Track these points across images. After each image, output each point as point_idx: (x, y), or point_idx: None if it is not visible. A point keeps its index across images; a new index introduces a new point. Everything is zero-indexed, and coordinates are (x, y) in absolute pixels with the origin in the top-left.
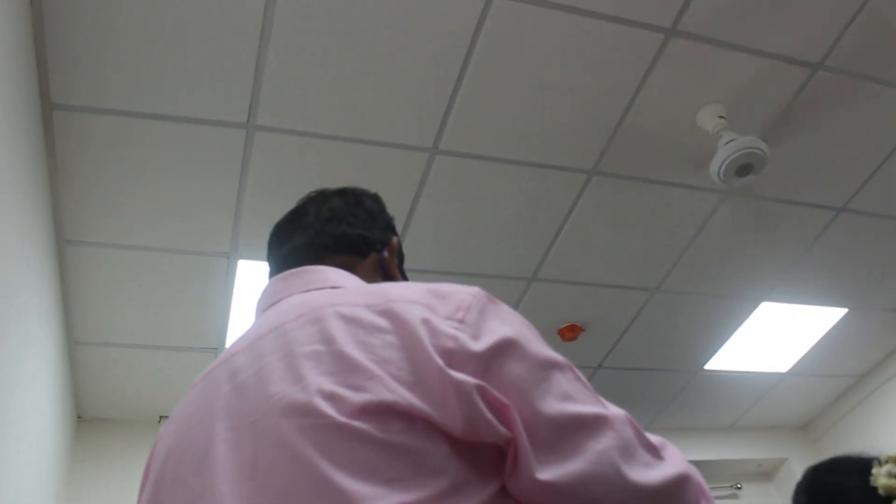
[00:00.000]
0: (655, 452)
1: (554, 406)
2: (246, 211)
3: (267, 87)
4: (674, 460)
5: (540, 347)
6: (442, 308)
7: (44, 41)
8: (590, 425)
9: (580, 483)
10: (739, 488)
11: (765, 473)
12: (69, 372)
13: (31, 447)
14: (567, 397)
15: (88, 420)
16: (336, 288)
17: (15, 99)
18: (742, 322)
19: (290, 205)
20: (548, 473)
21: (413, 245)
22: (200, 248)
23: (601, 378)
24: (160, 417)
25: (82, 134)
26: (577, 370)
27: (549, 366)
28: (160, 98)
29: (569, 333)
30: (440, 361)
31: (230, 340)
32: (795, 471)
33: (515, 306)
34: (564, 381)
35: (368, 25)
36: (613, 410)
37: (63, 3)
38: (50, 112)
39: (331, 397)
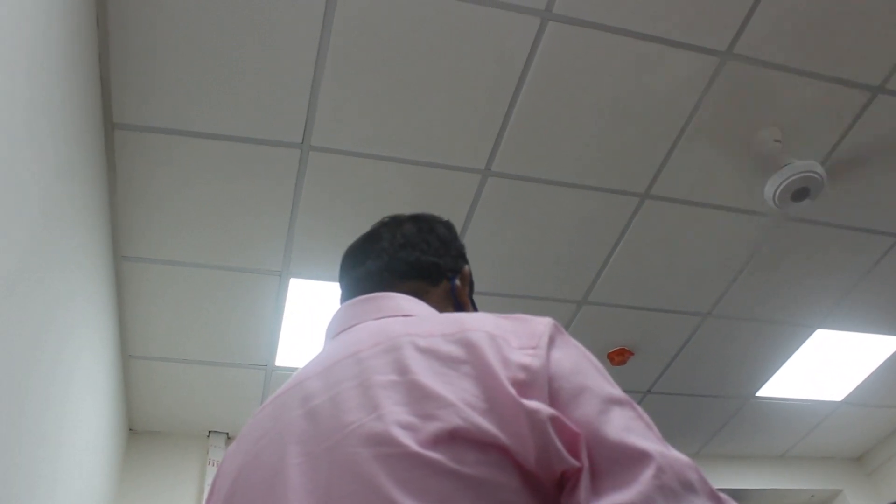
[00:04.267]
0: (717, 501)
1: (613, 437)
2: (298, 230)
3: (322, 107)
4: None
5: (603, 383)
6: (515, 340)
7: (108, 62)
8: (647, 461)
9: None
10: None
11: None
12: (122, 385)
13: (86, 456)
14: (629, 430)
15: (140, 433)
16: (408, 316)
17: (80, 119)
18: (796, 349)
19: (342, 225)
20: None
21: None
22: (253, 265)
23: (650, 403)
24: (209, 432)
25: (141, 153)
26: (639, 408)
27: (610, 401)
28: (217, 118)
29: (618, 357)
30: (513, 391)
31: (280, 358)
32: (850, 503)
33: (565, 329)
34: (626, 418)
35: (423, 47)
36: (676, 453)
37: (127, 27)
38: (111, 131)
39: (407, 427)
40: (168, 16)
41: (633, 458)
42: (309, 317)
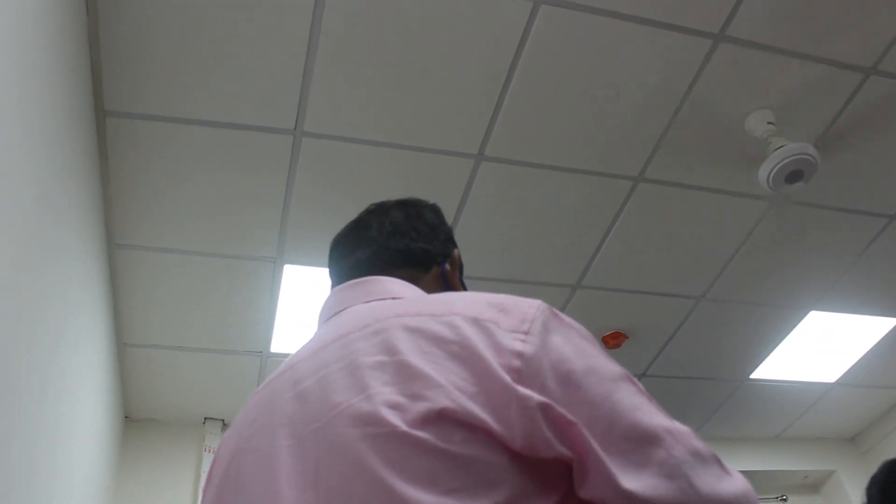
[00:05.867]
0: (722, 465)
1: (625, 419)
2: (292, 216)
3: (314, 93)
4: (737, 475)
5: (603, 362)
6: (505, 321)
7: (99, 50)
8: (660, 438)
9: (658, 495)
10: (785, 500)
11: (812, 485)
12: (118, 373)
13: (82, 445)
14: (636, 409)
15: (136, 420)
16: (398, 298)
17: (71, 107)
18: (790, 331)
19: (336, 210)
20: (630, 483)
21: None
22: (247, 252)
23: (645, 387)
24: (205, 419)
25: (133, 140)
26: (636, 381)
27: (614, 379)
28: (209, 105)
29: (613, 341)
30: (506, 377)
31: (275, 344)
32: (844, 483)
33: None
34: (631, 394)
35: (415, 32)
36: (678, 424)
37: (117, 13)
38: (103, 119)
39: (395, 406)
40: (158, 1)
41: (648, 437)
42: (304, 303)
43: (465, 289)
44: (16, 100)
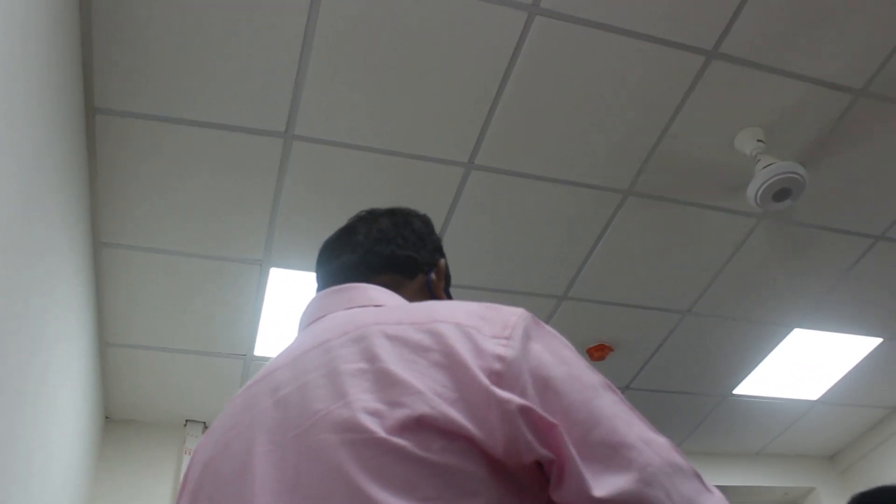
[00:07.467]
0: (702, 481)
1: (603, 426)
2: (280, 219)
3: (306, 97)
4: (717, 492)
5: (584, 370)
6: (487, 328)
7: (90, 47)
8: (637, 448)
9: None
10: None
11: (791, 502)
12: (99, 372)
13: (61, 444)
14: (615, 417)
15: (116, 420)
16: (379, 306)
17: (60, 103)
18: (773, 348)
19: (324, 215)
20: (602, 491)
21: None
22: (233, 254)
23: (629, 399)
24: (186, 421)
25: (122, 138)
26: (617, 390)
27: (594, 387)
28: (200, 105)
29: (597, 353)
30: (486, 381)
31: (259, 347)
32: (822, 501)
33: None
34: (612, 403)
35: (410, 39)
36: (658, 436)
37: (109, 10)
38: (92, 116)
39: (374, 413)
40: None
41: (625, 445)
42: (289, 306)
43: (450, 298)
44: (1, 93)
